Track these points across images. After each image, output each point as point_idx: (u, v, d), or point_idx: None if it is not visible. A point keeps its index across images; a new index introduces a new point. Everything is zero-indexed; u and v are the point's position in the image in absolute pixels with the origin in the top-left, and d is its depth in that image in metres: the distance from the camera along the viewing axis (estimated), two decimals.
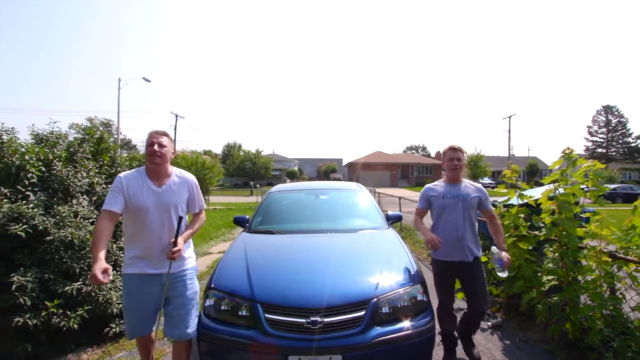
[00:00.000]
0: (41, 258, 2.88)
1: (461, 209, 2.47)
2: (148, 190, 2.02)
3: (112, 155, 4.63)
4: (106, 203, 1.95)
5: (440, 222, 2.55)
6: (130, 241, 2.08)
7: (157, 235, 2.03)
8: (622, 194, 22.37)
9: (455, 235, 2.45)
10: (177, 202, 2.11)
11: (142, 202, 1.99)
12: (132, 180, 2.03)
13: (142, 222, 2.01)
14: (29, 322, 2.59)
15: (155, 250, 2.03)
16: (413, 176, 43.92)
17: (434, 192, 2.62)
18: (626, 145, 45.79)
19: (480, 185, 2.61)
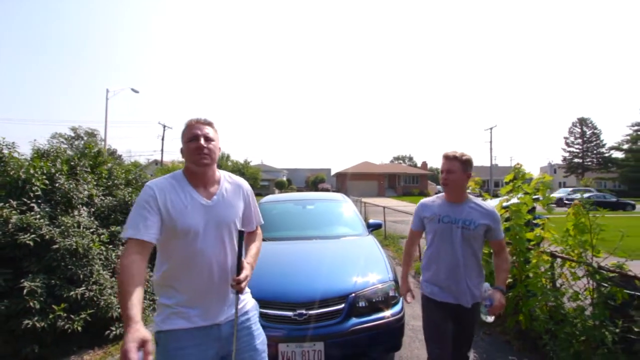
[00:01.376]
0: (48, 265, 3.11)
1: (459, 239, 1.85)
2: (195, 205, 1.38)
3: (109, 168, 4.90)
4: (130, 228, 1.29)
5: (434, 251, 1.96)
6: (170, 281, 1.38)
7: (212, 269, 1.39)
8: (597, 202, 23.29)
9: (452, 272, 1.87)
10: (235, 216, 1.49)
11: (190, 222, 1.34)
12: (170, 191, 1.37)
13: (190, 251, 1.35)
14: (37, 324, 2.81)
15: (212, 292, 1.40)
16: (400, 186, 44.77)
17: (427, 212, 2.00)
18: (600, 156, 48.07)
19: (491, 207, 1.94)
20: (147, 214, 1.29)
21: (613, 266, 2.33)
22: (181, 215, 1.33)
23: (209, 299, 1.40)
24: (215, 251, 1.40)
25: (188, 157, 1.42)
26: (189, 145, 1.40)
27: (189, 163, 1.42)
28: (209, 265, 1.38)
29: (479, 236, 1.89)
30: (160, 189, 1.36)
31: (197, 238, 1.36)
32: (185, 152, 1.43)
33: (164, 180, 1.42)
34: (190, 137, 1.41)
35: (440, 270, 1.92)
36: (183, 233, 1.33)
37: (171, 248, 1.36)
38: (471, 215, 1.88)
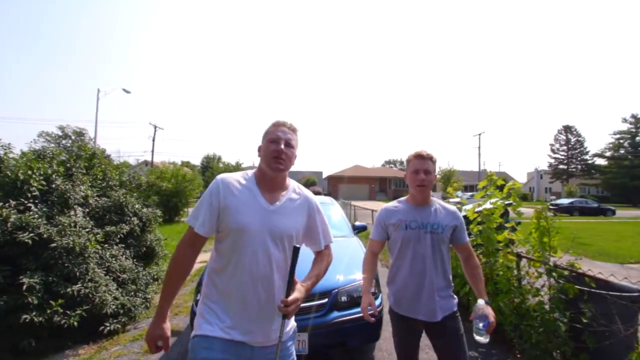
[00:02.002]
0: (46, 263, 3.24)
1: (430, 245, 1.71)
2: (255, 205, 1.31)
3: (103, 170, 5.02)
4: (191, 216, 1.31)
5: (404, 263, 1.75)
6: (216, 282, 1.31)
7: (257, 280, 1.27)
8: (579, 207, 24.29)
9: (420, 284, 1.71)
10: (292, 229, 1.37)
11: (244, 219, 1.27)
12: (234, 186, 1.33)
13: (240, 253, 1.27)
14: (35, 319, 2.94)
15: (253, 303, 1.28)
16: (390, 189, 45.28)
17: (393, 219, 1.80)
18: (584, 162, 49.49)
19: (454, 207, 1.86)
20: (207, 207, 1.28)
21: (567, 264, 2.59)
22: (238, 211, 1.28)
23: (249, 313, 1.27)
24: (265, 260, 1.28)
25: (264, 157, 1.36)
26: (269, 146, 1.35)
27: (264, 164, 1.36)
28: (255, 275, 1.27)
29: (447, 240, 1.75)
30: (226, 183, 1.32)
31: (250, 240, 1.27)
32: (263, 152, 1.38)
33: (235, 175, 1.38)
34: (272, 139, 1.36)
35: (407, 283, 1.73)
36: (235, 230, 1.27)
37: (224, 246, 1.30)
38: (438, 217, 1.75)
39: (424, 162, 1.74)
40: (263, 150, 1.38)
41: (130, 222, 4.60)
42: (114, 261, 4.03)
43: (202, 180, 19.51)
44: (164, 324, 1.25)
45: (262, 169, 1.39)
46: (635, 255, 7.86)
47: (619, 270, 6.17)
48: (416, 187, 1.74)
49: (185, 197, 14.69)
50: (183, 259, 1.29)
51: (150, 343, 1.24)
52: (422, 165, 1.73)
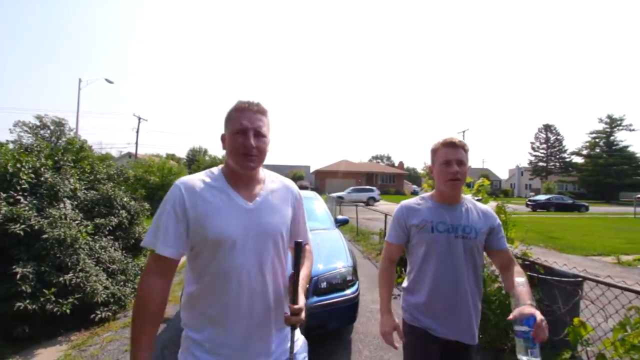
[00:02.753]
0: (37, 253, 3.35)
1: (462, 252, 1.42)
2: (233, 208, 1.10)
3: (91, 162, 5.09)
4: (149, 236, 1.06)
5: (427, 273, 1.46)
6: (200, 307, 1.09)
7: (253, 293, 1.09)
8: (555, 204, 25.36)
9: (453, 299, 1.42)
10: (281, 226, 1.18)
11: (224, 229, 1.06)
12: (202, 190, 1.09)
13: (225, 268, 1.06)
14: (29, 307, 3.06)
15: (252, 323, 1.09)
16: (377, 184, 45.88)
17: (415, 219, 1.50)
18: (562, 160, 51.42)
19: (488, 207, 1.55)
20: (170, 220, 1.03)
21: (521, 254, 2.90)
22: (214, 220, 1.04)
23: (249, 332, 1.07)
24: (256, 269, 1.08)
25: (231, 152, 1.12)
26: (235, 139, 1.10)
27: (231, 161, 1.13)
28: (248, 288, 1.06)
29: (481, 247, 1.45)
30: (189, 187, 1.07)
31: (234, 250, 1.05)
32: (228, 145, 1.12)
33: (197, 177, 1.13)
34: (237, 129, 1.10)
35: (436, 297, 1.42)
36: (216, 243, 1.04)
37: (201, 264, 1.07)
38: (471, 219, 1.45)
39: (457, 151, 1.43)
40: (229, 144, 1.12)
41: (118, 215, 4.72)
42: (103, 252, 4.15)
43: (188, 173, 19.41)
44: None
45: (229, 165, 1.15)
46: (599, 248, 8.44)
47: (582, 262, 6.69)
48: (447, 181, 1.42)
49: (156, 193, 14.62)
50: (151, 294, 1.00)
51: None
52: (455, 154, 1.42)
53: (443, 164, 1.44)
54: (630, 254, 7.69)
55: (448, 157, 1.43)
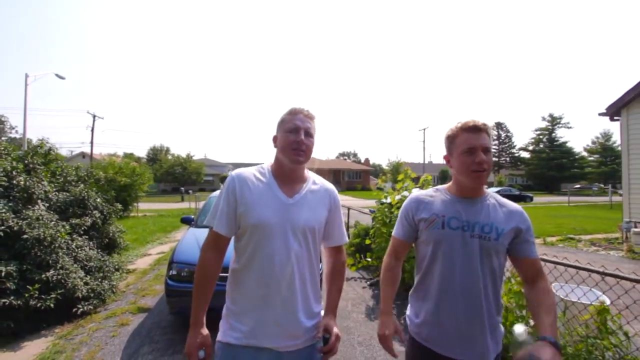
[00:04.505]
0: (18, 252, 3.51)
1: (478, 255, 1.21)
2: (273, 199, 1.24)
3: (60, 165, 5.17)
4: (210, 215, 1.26)
5: (434, 277, 1.28)
6: (239, 283, 1.25)
7: (279, 276, 1.19)
8: (504, 195, 27.47)
9: (463, 309, 1.22)
10: (315, 222, 1.28)
11: (262, 215, 1.20)
12: (250, 180, 1.26)
13: (260, 248, 1.20)
14: (13, 302, 3.25)
15: (276, 303, 1.20)
16: (344, 181, 47.06)
17: (425, 212, 1.32)
18: (512, 155, 55.93)
19: (517, 205, 1.30)
20: (224, 204, 1.23)
21: None
22: (255, 206, 1.21)
23: (273, 314, 1.18)
24: (285, 257, 1.19)
25: (283, 149, 1.26)
26: (287, 137, 1.24)
27: (282, 155, 1.27)
28: (276, 272, 1.18)
29: (503, 251, 1.23)
30: (242, 178, 1.26)
31: (269, 237, 1.19)
32: (281, 143, 1.27)
33: (249, 170, 1.30)
34: (290, 128, 1.25)
35: (444, 305, 1.24)
36: (255, 228, 1.20)
37: (243, 245, 1.24)
38: (492, 217, 1.24)
39: (481, 136, 1.21)
40: (280, 141, 1.28)
41: (92, 215, 4.87)
42: (80, 251, 4.33)
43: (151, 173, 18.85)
44: (203, 333, 1.20)
45: (279, 160, 1.30)
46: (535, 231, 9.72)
47: None
48: (472, 172, 1.20)
49: (135, 192, 14.29)
50: (208, 263, 1.24)
51: (191, 353, 1.17)
52: (479, 140, 1.20)
53: (465, 152, 1.21)
54: (555, 235, 9.00)
55: (472, 143, 1.20)
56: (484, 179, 1.23)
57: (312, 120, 1.32)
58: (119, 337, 3.31)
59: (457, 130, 1.27)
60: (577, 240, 8.24)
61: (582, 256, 6.59)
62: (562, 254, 6.77)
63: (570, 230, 9.89)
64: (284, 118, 1.30)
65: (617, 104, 7.06)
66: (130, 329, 3.49)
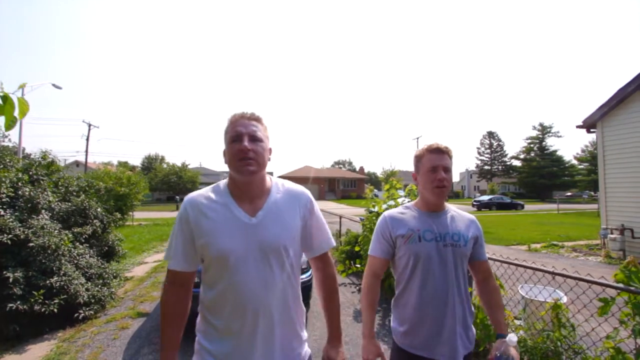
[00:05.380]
0: (24, 260, 3.71)
1: (452, 262, 1.37)
2: (234, 223, 1.11)
3: (62, 176, 5.38)
4: (167, 252, 1.16)
5: (415, 286, 1.38)
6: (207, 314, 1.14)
7: (254, 309, 1.08)
8: (496, 203, 28.29)
9: (441, 314, 1.35)
10: (286, 238, 1.15)
11: (224, 245, 1.08)
12: (204, 205, 1.14)
13: (228, 285, 1.09)
14: (20, 307, 3.44)
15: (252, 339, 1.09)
16: (339, 189, 47.36)
17: (402, 229, 1.43)
18: (504, 164, 56.81)
19: (471, 215, 1.52)
20: (178, 237, 1.12)
21: None
22: (215, 236, 1.08)
23: (252, 349, 1.07)
24: (259, 285, 1.08)
25: (230, 162, 1.14)
26: (232, 147, 1.13)
27: (231, 170, 1.15)
28: (252, 304, 1.07)
29: (469, 255, 1.42)
30: (194, 204, 1.13)
31: (237, 267, 1.07)
32: (228, 156, 1.15)
33: (203, 193, 1.17)
34: (232, 137, 1.13)
35: (424, 313, 1.35)
36: (218, 259, 1.08)
37: (210, 278, 1.12)
38: (457, 226, 1.42)
39: (442, 157, 1.41)
40: (227, 154, 1.15)
41: (92, 224, 5.07)
42: (81, 259, 4.52)
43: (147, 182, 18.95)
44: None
45: (231, 176, 1.17)
46: (518, 239, 10.08)
47: (501, 250, 8.11)
48: (434, 188, 1.38)
49: (131, 201, 14.41)
50: (170, 301, 1.14)
51: None
52: (441, 160, 1.40)
53: (429, 170, 1.40)
54: (540, 242, 9.33)
55: (434, 163, 1.40)
56: (444, 195, 1.39)
57: (258, 122, 1.19)
58: (119, 340, 3.51)
59: (423, 152, 1.45)
60: (560, 247, 8.58)
61: (562, 262, 6.91)
62: (543, 260, 7.15)
63: (555, 237, 10.24)
64: (226, 128, 1.18)
65: (593, 117, 7.48)
66: (130, 332, 3.68)
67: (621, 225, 6.99)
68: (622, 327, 1.85)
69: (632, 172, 6.86)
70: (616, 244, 6.84)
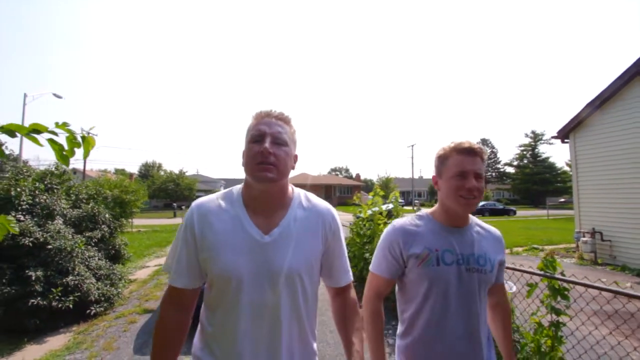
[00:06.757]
0: (43, 260, 4.14)
1: (477, 291, 1.11)
2: (244, 240, 0.95)
3: (73, 185, 5.83)
4: (167, 267, 1.01)
5: (431, 319, 1.11)
6: (209, 339, 0.98)
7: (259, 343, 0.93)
8: (489, 209, 28.90)
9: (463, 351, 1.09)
10: (303, 264, 0.98)
11: (229, 265, 0.92)
12: (213, 214, 0.98)
13: (229, 307, 0.94)
14: (40, 302, 3.85)
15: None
16: (335, 196, 47.85)
17: (415, 247, 1.14)
18: (497, 171, 57.77)
19: (497, 230, 1.26)
20: (182, 248, 0.97)
21: None
22: (219, 250, 0.93)
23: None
24: (265, 316, 0.92)
25: (247, 165, 0.97)
26: (251, 149, 0.96)
27: (247, 174, 0.98)
28: (255, 336, 0.92)
29: (491, 284, 1.16)
30: (202, 212, 0.98)
31: (240, 292, 0.91)
32: (245, 158, 0.99)
33: (213, 199, 1.02)
34: (253, 137, 0.97)
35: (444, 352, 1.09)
36: (219, 278, 0.92)
37: (211, 298, 0.97)
38: (483, 246, 1.16)
39: (474, 160, 1.11)
40: (245, 155, 1.00)
41: (101, 229, 5.50)
42: (91, 260, 4.94)
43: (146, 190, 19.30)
44: None
45: (247, 182, 1.02)
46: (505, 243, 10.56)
47: None
48: (460, 199, 1.10)
49: (130, 208, 14.78)
50: (169, 326, 0.97)
51: None
52: (473, 164, 1.10)
53: (456, 176, 1.11)
54: (523, 246, 9.84)
55: (463, 167, 1.10)
56: (473, 206, 1.10)
57: (286, 122, 1.03)
58: (129, 332, 3.92)
59: (449, 151, 1.15)
60: (539, 250, 9.09)
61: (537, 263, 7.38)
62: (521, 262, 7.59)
63: (538, 241, 10.75)
64: (248, 126, 1.02)
65: (566, 129, 8.06)
66: (138, 326, 4.10)
67: (592, 228, 7.50)
68: (543, 305, 2.32)
69: (601, 180, 7.40)
70: (587, 246, 7.35)
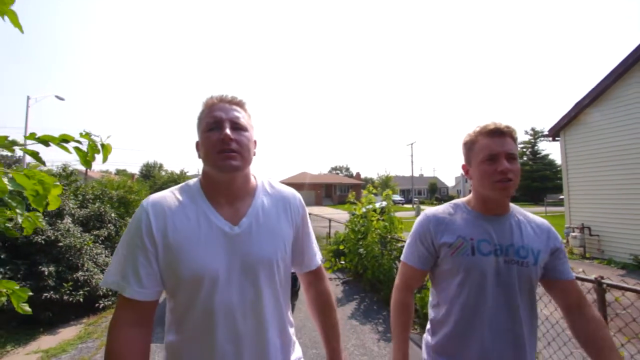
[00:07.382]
0: (55, 257, 4.40)
1: (517, 285, 1.01)
2: (213, 233, 0.88)
3: (80, 185, 6.09)
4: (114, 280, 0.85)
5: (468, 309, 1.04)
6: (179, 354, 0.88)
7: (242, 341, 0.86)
8: None
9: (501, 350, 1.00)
10: (278, 250, 0.94)
11: (202, 263, 0.84)
12: (174, 212, 0.88)
13: (205, 313, 0.85)
14: (53, 296, 4.11)
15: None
16: (336, 195, 48.10)
17: (448, 235, 1.09)
18: None
19: (545, 220, 1.13)
20: (137, 253, 0.83)
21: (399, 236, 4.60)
22: (188, 253, 0.84)
23: None
24: (246, 309, 0.87)
25: (206, 156, 0.90)
26: (208, 137, 0.89)
27: (207, 165, 0.91)
28: (237, 333, 0.85)
29: (539, 276, 1.05)
30: (158, 211, 0.86)
31: (216, 289, 0.84)
32: (202, 148, 0.91)
33: (168, 194, 0.91)
34: (209, 124, 0.89)
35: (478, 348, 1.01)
36: (192, 282, 0.83)
37: (178, 304, 0.86)
38: (525, 237, 1.06)
39: (504, 141, 1.02)
40: (202, 146, 0.92)
41: (107, 228, 5.76)
42: (98, 257, 5.20)
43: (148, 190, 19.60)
44: None
45: (208, 174, 0.93)
46: None
47: None
48: (496, 183, 1.01)
49: (134, 208, 15.04)
50: (129, 352, 0.80)
51: None
52: (502, 145, 1.02)
53: (486, 160, 1.03)
54: None
55: (493, 150, 1.02)
56: (510, 190, 1.02)
57: (241, 107, 0.96)
58: None
59: (475, 136, 1.08)
60: None
61: None
62: None
63: None
64: (200, 114, 0.95)
65: (556, 127, 8.28)
66: None
67: (581, 224, 7.73)
68: None
69: (589, 176, 7.63)
70: (577, 240, 7.57)
